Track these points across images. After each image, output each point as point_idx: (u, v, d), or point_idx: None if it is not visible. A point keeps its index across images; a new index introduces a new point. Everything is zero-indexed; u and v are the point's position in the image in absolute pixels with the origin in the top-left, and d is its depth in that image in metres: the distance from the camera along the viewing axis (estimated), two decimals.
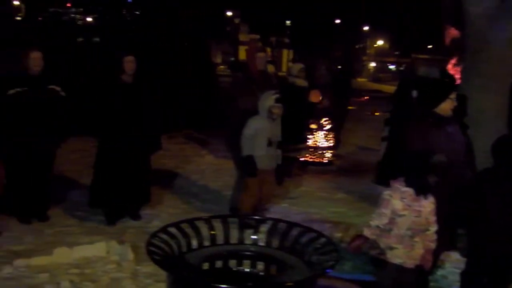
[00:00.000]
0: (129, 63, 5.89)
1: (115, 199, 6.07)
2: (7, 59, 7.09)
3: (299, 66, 8.10)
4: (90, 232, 5.81)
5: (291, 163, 7.92)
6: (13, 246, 5.37)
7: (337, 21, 50.98)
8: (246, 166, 5.89)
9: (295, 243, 3.03)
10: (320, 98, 8.70)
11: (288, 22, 50.38)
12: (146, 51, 11.35)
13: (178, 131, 11.26)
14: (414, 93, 6.70)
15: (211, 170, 8.77)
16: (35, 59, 5.84)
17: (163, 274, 4.73)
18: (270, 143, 5.89)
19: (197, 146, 10.55)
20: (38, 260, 4.92)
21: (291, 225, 3.11)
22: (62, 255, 5.02)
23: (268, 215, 5.88)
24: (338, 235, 5.89)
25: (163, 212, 6.53)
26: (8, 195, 5.81)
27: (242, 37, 45.46)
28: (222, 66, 35.03)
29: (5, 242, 5.46)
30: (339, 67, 13.43)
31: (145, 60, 7.21)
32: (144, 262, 5.04)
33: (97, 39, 21.18)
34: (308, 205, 7.09)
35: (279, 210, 6.70)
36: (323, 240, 2.93)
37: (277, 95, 5.85)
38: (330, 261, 2.69)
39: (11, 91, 5.66)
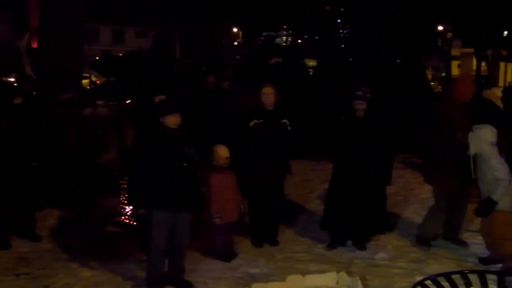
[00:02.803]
0: (360, 105, 6.02)
1: (342, 225, 6.19)
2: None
3: None
4: (318, 260, 5.96)
5: None
6: (249, 268, 5.75)
7: None
8: (486, 208, 5.51)
9: None
10: None
11: (505, 32, 46.82)
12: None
13: (396, 155, 11.00)
14: None
15: None
16: (268, 95, 6.24)
17: None
18: None
19: (416, 172, 10.22)
20: (273, 286, 5.17)
21: None
22: (295, 282, 5.20)
23: None
24: None
25: (388, 244, 6.42)
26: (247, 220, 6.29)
27: (455, 52, 43.47)
28: (432, 83, 33.83)
29: (242, 264, 5.87)
30: None
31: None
32: None
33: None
34: None
35: None
36: None
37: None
38: None
39: (251, 123, 6.14)
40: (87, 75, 23.09)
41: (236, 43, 41.17)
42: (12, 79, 19.73)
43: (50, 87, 9.93)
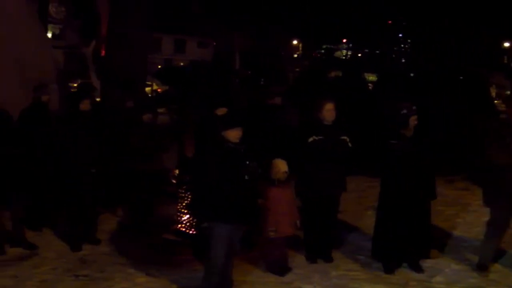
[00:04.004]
0: (413, 121, 5.90)
1: (396, 248, 6.05)
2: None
3: None
4: (373, 280, 5.86)
5: None
6: (302, 284, 5.72)
7: None
8: None
9: None
10: None
11: None
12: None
13: (457, 174, 10.70)
14: None
15: None
16: (329, 111, 6.21)
17: None
18: None
19: (477, 193, 9.84)
20: None
21: None
22: None
23: None
24: None
25: (446, 267, 6.24)
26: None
27: None
28: (496, 101, 32.76)
29: (295, 279, 5.84)
30: None
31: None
32: None
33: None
34: None
35: None
36: None
37: None
38: None
39: (310, 139, 6.11)
40: (149, 83, 23.69)
41: (295, 56, 41.24)
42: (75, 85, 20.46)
43: (114, 94, 10.27)
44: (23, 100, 7.65)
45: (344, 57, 45.19)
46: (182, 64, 36.95)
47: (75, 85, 19.81)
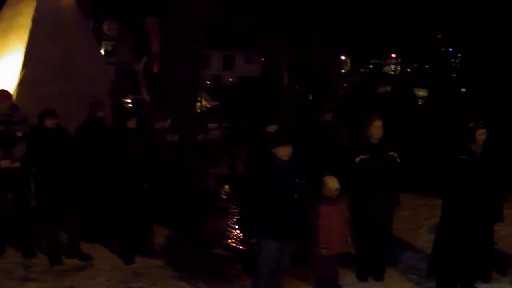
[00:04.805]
0: (482, 135, 5.75)
1: (452, 269, 5.92)
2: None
3: None
4: None
5: None
6: None
7: None
8: None
9: None
10: None
11: None
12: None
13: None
14: None
15: None
16: (377, 128, 6.15)
17: None
18: None
19: None
20: None
21: None
22: None
23: None
24: None
25: None
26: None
27: None
28: None
29: None
30: None
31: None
32: None
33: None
34: None
35: None
36: None
37: None
38: None
39: (357, 159, 6.09)
40: (199, 98, 23.97)
41: (344, 71, 40.99)
42: (129, 100, 20.89)
43: (163, 110, 10.47)
44: (79, 116, 7.89)
45: (392, 72, 44.60)
46: (230, 80, 37.29)
47: (128, 100, 20.27)
